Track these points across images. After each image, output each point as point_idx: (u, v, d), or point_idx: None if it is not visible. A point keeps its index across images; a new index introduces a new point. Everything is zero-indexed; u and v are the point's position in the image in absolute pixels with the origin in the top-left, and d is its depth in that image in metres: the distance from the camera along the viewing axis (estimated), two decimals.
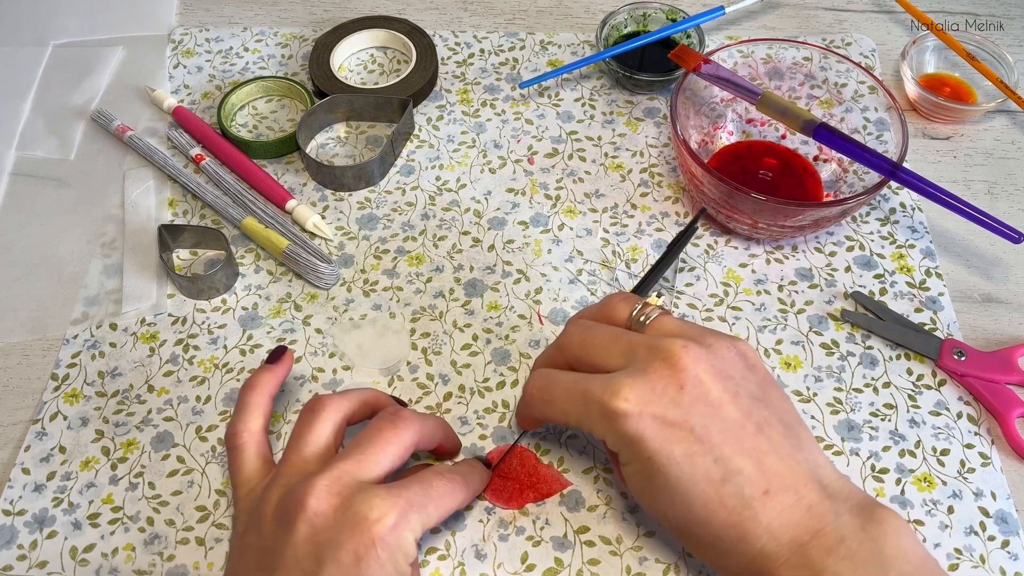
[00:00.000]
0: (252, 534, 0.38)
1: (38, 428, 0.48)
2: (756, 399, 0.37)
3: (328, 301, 0.53)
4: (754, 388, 0.37)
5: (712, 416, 0.36)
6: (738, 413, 0.36)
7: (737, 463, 0.35)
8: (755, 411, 0.36)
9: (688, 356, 0.36)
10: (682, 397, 0.36)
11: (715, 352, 0.37)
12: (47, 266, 0.55)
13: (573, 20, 0.69)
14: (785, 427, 0.37)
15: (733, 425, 0.36)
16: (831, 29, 0.69)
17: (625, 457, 0.37)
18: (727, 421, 0.36)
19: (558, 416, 0.39)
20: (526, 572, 0.43)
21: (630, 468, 0.37)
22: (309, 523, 0.35)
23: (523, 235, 0.56)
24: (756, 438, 0.36)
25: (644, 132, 0.62)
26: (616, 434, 0.36)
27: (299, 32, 0.68)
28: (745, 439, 0.35)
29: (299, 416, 0.41)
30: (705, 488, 0.35)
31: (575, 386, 0.38)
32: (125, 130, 0.60)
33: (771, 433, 0.36)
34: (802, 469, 0.36)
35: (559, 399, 0.39)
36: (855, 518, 0.35)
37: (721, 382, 0.36)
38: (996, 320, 0.53)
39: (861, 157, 0.50)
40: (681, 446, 0.35)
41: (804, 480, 0.35)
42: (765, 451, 0.35)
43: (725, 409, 0.36)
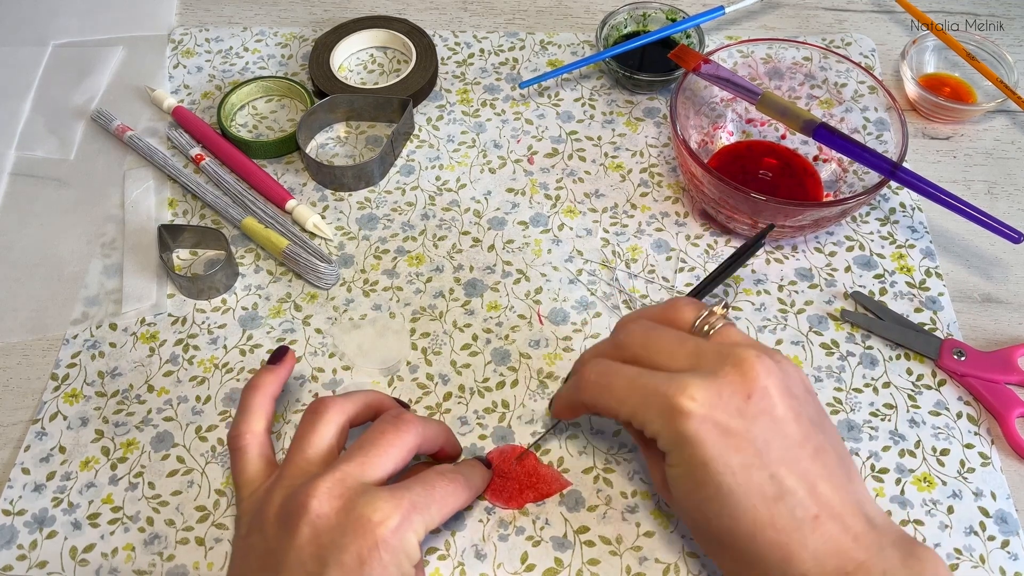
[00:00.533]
0: (255, 536, 0.38)
1: (38, 428, 0.48)
2: (815, 424, 0.36)
3: (328, 301, 0.53)
4: (813, 413, 0.37)
5: (775, 432, 0.35)
6: (799, 434, 0.35)
7: (792, 483, 0.34)
8: (814, 435, 0.36)
9: (760, 366, 0.35)
10: (748, 407, 0.35)
11: (784, 368, 0.37)
12: (47, 266, 0.55)
13: (573, 20, 0.69)
14: (839, 457, 0.36)
15: (793, 444, 0.35)
16: (831, 29, 0.69)
17: (675, 459, 0.36)
18: (788, 439, 0.35)
19: (612, 404, 0.38)
20: (526, 572, 0.43)
21: (678, 470, 0.36)
22: (312, 525, 0.35)
23: (523, 235, 0.56)
24: (812, 462, 0.35)
25: (644, 132, 0.62)
26: (674, 432, 0.35)
27: (299, 32, 0.68)
28: (802, 460, 0.35)
29: (302, 418, 0.41)
30: (757, 503, 0.34)
31: (639, 378, 0.37)
32: (125, 130, 0.60)
33: (826, 459, 0.35)
34: (850, 500, 0.35)
35: (619, 388, 0.38)
36: (897, 552, 0.34)
37: (787, 399, 0.35)
38: (996, 320, 0.53)
39: (861, 157, 0.50)
40: (739, 456, 0.34)
41: (852, 511, 0.35)
42: (820, 476, 0.35)
43: (788, 427, 0.35)
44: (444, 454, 0.45)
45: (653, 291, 0.53)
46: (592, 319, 0.52)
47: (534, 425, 0.48)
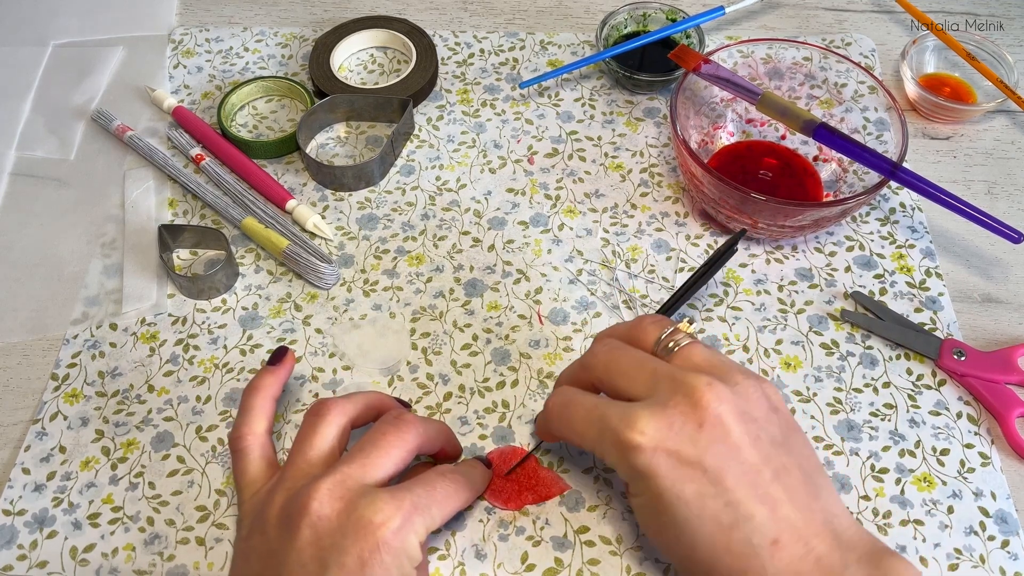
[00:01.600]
0: (256, 537, 0.38)
1: (38, 428, 0.48)
2: (777, 444, 0.36)
3: (328, 301, 0.53)
4: (776, 432, 0.36)
5: (729, 458, 0.34)
6: (756, 458, 0.35)
7: (749, 509, 0.34)
8: (774, 457, 0.35)
9: (711, 394, 0.35)
10: (700, 436, 0.35)
11: (740, 392, 0.36)
12: (47, 266, 0.55)
13: (573, 20, 0.69)
14: (804, 474, 0.36)
15: (749, 470, 0.35)
16: (831, 29, 0.69)
17: (634, 489, 0.37)
18: (744, 465, 0.35)
19: (574, 437, 0.39)
20: (526, 572, 0.43)
21: (638, 500, 0.37)
22: (313, 527, 0.35)
23: (523, 235, 0.56)
24: (772, 485, 0.35)
25: (644, 132, 0.62)
26: (627, 466, 0.36)
27: (299, 32, 0.68)
28: (760, 485, 0.34)
29: (303, 419, 0.41)
30: (713, 531, 0.34)
31: (594, 410, 0.38)
32: (125, 130, 0.60)
33: (788, 480, 0.35)
34: (816, 519, 0.35)
35: (577, 420, 0.38)
36: (863, 568, 0.34)
37: (742, 424, 0.35)
38: (996, 320, 0.53)
39: (861, 157, 0.50)
40: (692, 486, 0.34)
41: (816, 530, 0.34)
42: (780, 499, 0.34)
43: (743, 452, 0.35)
44: (444, 454, 0.45)
45: (653, 291, 0.53)
46: (592, 319, 0.52)
47: (533, 425, 0.48)
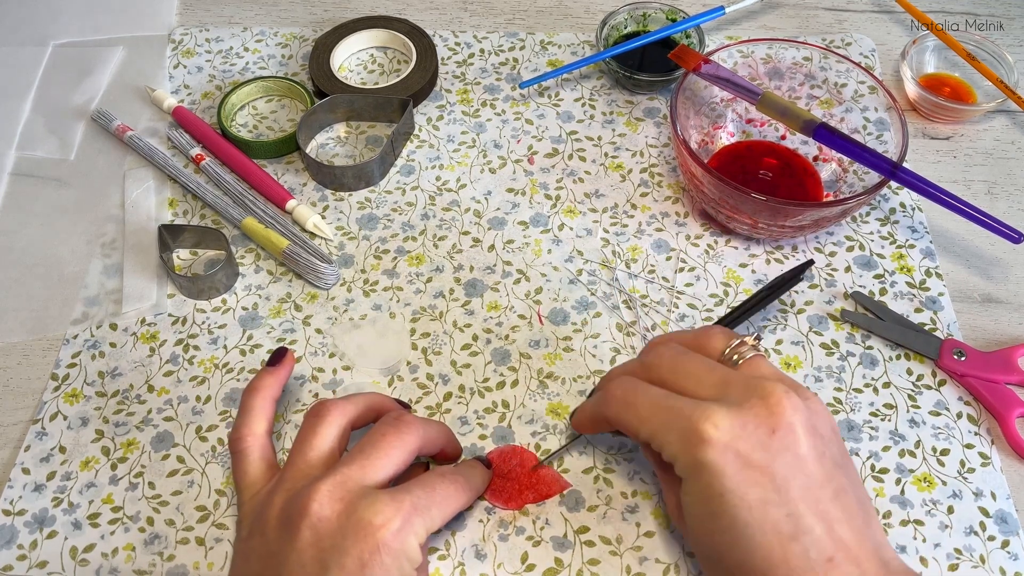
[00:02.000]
0: (256, 539, 0.38)
1: (38, 428, 0.48)
2: (838, 465, 0.36)
3: (328, 301, 0.53)
4: (837, 454, 0.36)
5: (796, 469, 0.34)
6: (821, 473, 0.35)
7: (809, 522, 0.34)
8: (836, 476, 0.35)
9: (788, 402, 0.35)
10: (772, 442, 0.34)
11: (811, 407, 0.36)
12: (47, 266, 0.55)
13: (573, 20, 0.69)
14: (858, 500, 0.36)
15: (814, 484, 0.34)
16: (831, 29, 0.69)
17: (692, 487, 0.36)
18: (809, 478, 0.34)
19: (634, 422, 0.38)
20: (526, 572, 0.43)
21: (693, 499, 0.36)
22: (313, 528, 0.35)
23: (523, 235, 0.56)
24: (832, 503, 0.34)
25: (644, 132, 0.62)
26: (692, 459, 0.35)
27: (299, 32, 0.68)
28: (822, 501, 0.34)
29: (303, 421, 0.41)
30: (772, 540, 0.34)
31: (664, 399, 0.37)
32: (125, 130, 0.60)
33: (846, 501, 0.35)
34: (868, 544, 0.34)
35: (643, 406, 0.38)
36: None
37: (812, 438, 0.35)
38: (996, 320, 0.53)
39: (861, 157, 0.50)
40: (757, 491, 0.34)
41: (868, 555, 0.34)
42: (838, 518, 0.34)
43: (810, 466, 0.35)
44: (444, 455, 0.45)
45: (653, 291, 0.53)
46: (592, 319, 0.52)
47: (534, 425, 0.48)
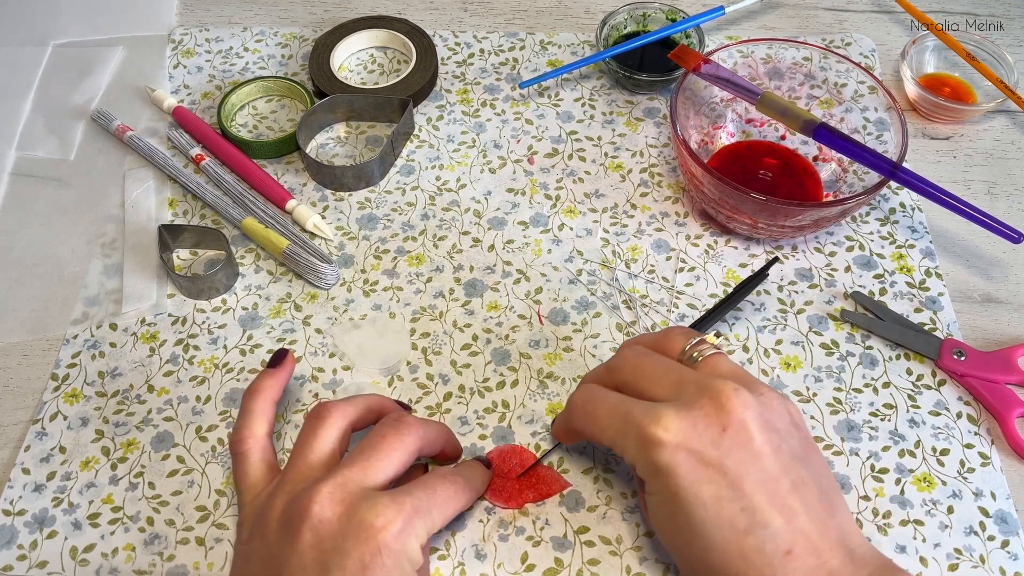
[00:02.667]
0: (257, 541, 0.37)
1: (38, 428, 0.48)
2: (796, 458, 0.36)
3: (328, 301, 0.53)
4: (796, 446, 0.36)
5: (750, 464, 0.35)
6: (776, 467, 0.35)
7: (765, 516, 0.34)
8: (793, 469, 0.35)
9: (737, 399, 0.36)
10: (723, 439, 0.35)
11: (764, 402, 0.37)
12: (47, 266, 0.55)
13: (573, 20, 0.69)
14: (821, 491, 0.36)
15: (768, 478, 0.35)
16: (831, 29, 0.69)
17: (652, 487, 0.36)
18: (764, 472, 0.35)
19: (595, 431, 0.39)
20: (526, 572, 0.43)
21: (654, 499, 0.37)
22: (314, 530, 0.35)
23: (523, 235, 0.56)
24: (789, 496, 0.35)
25: (644, 132, 0.62)
26: (648, 461, 0.36)
27: (299, 32, 0.68)
28: (778, 494, 0.35)
29: (304, 422, 0.41)
30: (727, 535, 0.34)
31: (619, 406, 0.38)
32: (125, 130, 0.60)
33: (805, 493, 0.35)
34: (831, 534, 0.35)
35: (601, 414, 0.39)
36: None
37: (765, 433, 0.35)
38: (996, 320, 0.53)
39: (861, 157, 0.50)
40: (711, 488, 0.34)
41: (830, 545, 0.34)
42: (796, 510, 0.34)
43: (764, 460, 0.35)
44: (444, 456, 0.45)
45: (653, 291, 0.53)
46: (592, 319, 0.52)
47: (534, 425, 0.48)
